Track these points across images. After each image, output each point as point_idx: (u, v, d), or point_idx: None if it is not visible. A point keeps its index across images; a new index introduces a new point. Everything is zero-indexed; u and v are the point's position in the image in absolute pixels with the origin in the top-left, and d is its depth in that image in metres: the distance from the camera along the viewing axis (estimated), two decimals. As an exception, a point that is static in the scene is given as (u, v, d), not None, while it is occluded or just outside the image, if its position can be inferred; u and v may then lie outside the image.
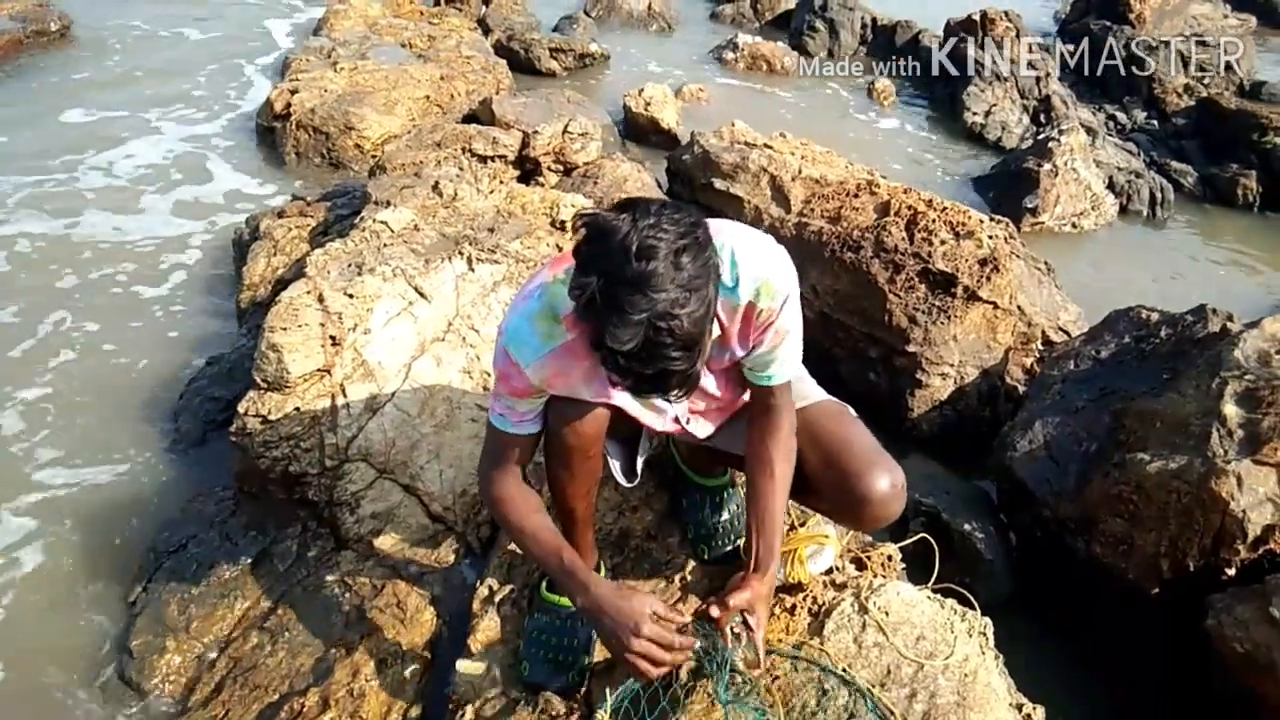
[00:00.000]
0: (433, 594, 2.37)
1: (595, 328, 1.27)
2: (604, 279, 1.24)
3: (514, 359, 1.61)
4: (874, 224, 3.68)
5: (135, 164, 5.26)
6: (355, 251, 3.15)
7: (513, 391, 1.67)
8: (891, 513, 1.80)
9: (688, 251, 1.26)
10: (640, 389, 1.34)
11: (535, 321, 1.59)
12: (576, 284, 1.27)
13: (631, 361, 1.26)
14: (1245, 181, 6.13)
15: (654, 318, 1.23)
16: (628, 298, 1.22)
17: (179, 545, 2.60)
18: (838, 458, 1.81)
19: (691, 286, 1.25)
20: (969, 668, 1.88)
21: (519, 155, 4.91)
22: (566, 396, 1.69)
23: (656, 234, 1.24)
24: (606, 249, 1.24)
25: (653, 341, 1.24)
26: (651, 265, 1.22)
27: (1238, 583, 2.38)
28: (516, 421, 1.73)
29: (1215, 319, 3.00)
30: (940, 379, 3.50)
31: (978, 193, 6.17)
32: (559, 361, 1.60)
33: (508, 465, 1.78)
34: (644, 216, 1.25)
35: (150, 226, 4.60)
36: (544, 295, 1.59)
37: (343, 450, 2.62)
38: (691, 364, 1.29)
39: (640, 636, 1.61)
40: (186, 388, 3.33)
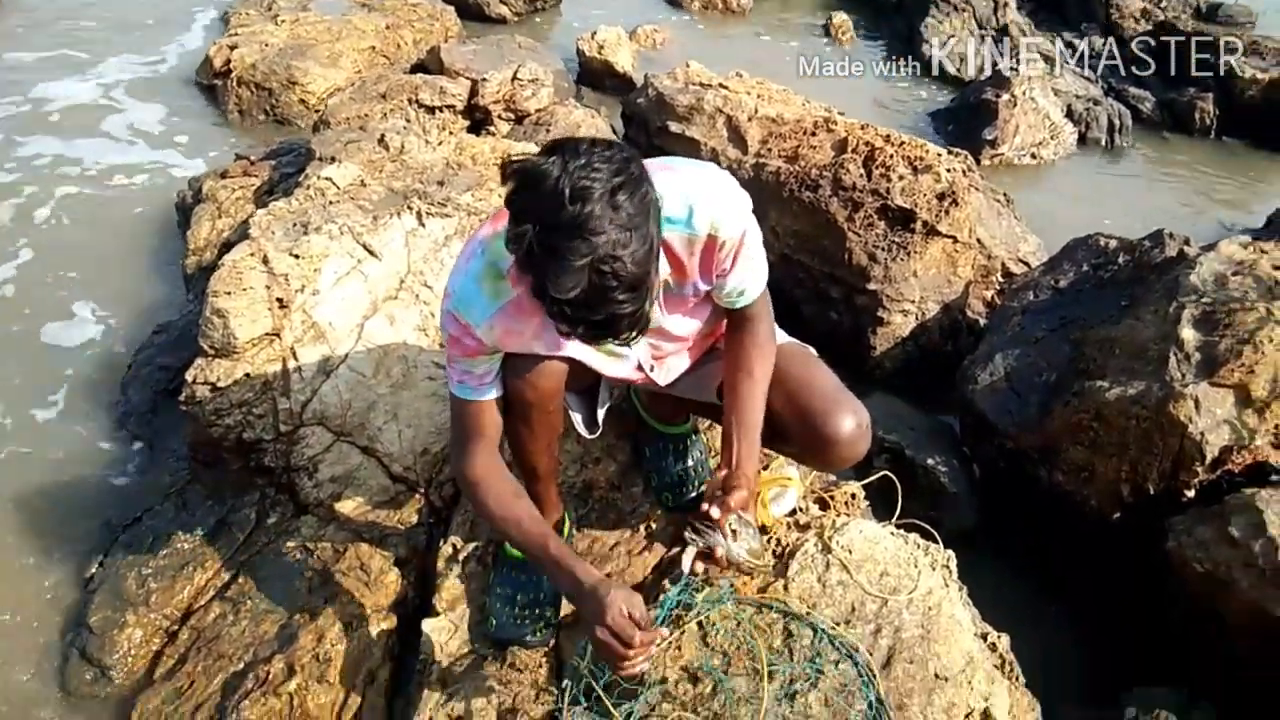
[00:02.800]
0: (396, 555, 2.34)
1: (537, 278, 1.22)
2: (540, 227, 1.19)
3: (464, 321, 1.56)
4: (831, 162, 3.63)
5: (69, 128, 5.07)
6: (300, 211, 3.06)
7: (466, 353, 1.62)
8: (857, 452, 1.80)
9: (623, 190, 1.21)
10: (591, 335, 1.30)
11: (481, 281, 1.54)
12: (513, 235, 1.22)
13: (578, 309, 1.22)
14: (1203, 106, 6.13)
15: (596, 261, 1.18)
16: (566, 244, 1.17)
17: (134, 518, 2.55)
18: (802, 400, 1.79)
19: (631, 225, 1.21)
20: (932, 601, 1.89)
21: (468, 105, 4.79)
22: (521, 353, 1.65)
23: (589, 174, 1.19)
24: (538, 195, 1.19)
25: (597, 286, 1.20)
26: (588, 208, 1.18)
27: (1197, 505, 2.41)
28: (478, 385, 1.67)
29: (1172, 243, 3.00)
30: (901, 316, 3.49)
31: (937, 126, 6.13)
32: (508, 319, 1.56)
33: (480, 440, 1.71)
34: (574, 158, 1.20)
35: (88, 194, 4.45)
36: (486, 253, 1.54)
37: (297, 415, 2.56)
38: (639, 304, 1.25)
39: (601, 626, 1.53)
40: (135, 357, 3.25)
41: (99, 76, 5.74)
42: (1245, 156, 5.95)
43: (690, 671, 1.75)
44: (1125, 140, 6.02)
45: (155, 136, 5.07)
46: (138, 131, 5.11)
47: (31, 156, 4.76)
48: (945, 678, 1.76)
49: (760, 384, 1.76)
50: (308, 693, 2.04)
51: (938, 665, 1.77)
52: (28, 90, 5.48)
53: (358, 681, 2.09)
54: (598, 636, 1.54)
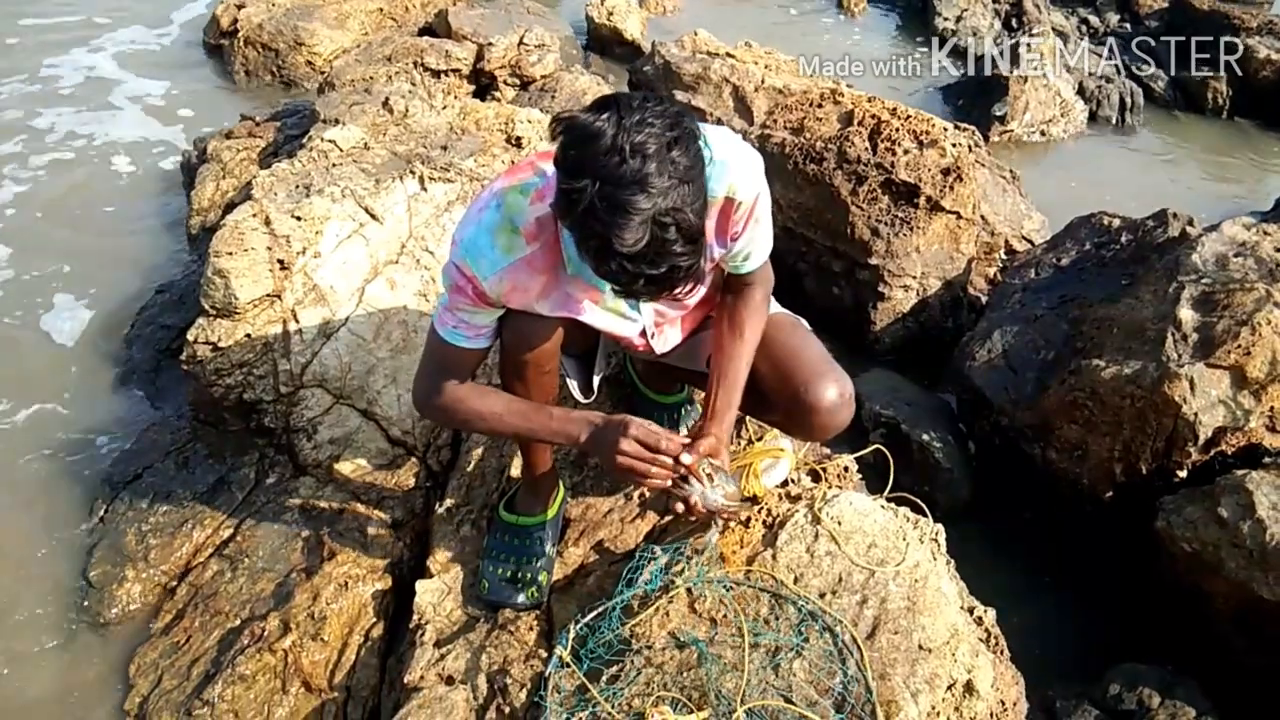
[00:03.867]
0: (393, 517, 2.37)
1: (596, 234, 1.21)
2: (600, 182, 1.19)
3: (470, 273, 1.55)
4: (837, 134, 3.61)
5: (76, 88, 5.07)
6: (303, 172, 3.06)
7: (471, 302, 1.60)
8: (840, 421, 1.80)
9: (679, 144, 1.22)
10: (646, 289, 1.29)
11: (495, 234, 1.53)
12: (569, 191, 1.21)
13: (639, 263, 1.22)
14: (1215, 85, 6.07)
15: (658, 215, 1.19)
16: (628, 198, 1.18)
17: (135, 475, 2.58)
18: (787, 368, 1.81)
19: (687, 178, 1.22)
20: (919, 573, 1.90)
21: (473, 69, 4.76)
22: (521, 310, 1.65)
23: (645, 129, 1.19)
24: (595, 151, 1.19)
25: (659, 239, 1.20)
26: (648, 163, 1.18)
27: (1189, 485, 2.43)
28: (473, 336, 1.67)
29: (1175, 223, 2.99)
30: (903, 291, 3.49)
31: (947, 100, 6.09)
32: (518, 275, 1.56)
33: (454, 378, 1.72)
34: (629, 113, 1.20)
35: (95, 152, 4.45)
36: (501, 207, 1.53)
37: (297, 376, 2.58)
38: (696, 257, 1.26)
39: (629, 436, 1.60)
40: (138, 316, 3.26)
41: (104, 37, 5.72)
42: (1257, 137, 5.90)
43: (676, 638, 1.77)
44: (1136, 119, 5.97)
45: (161, 96, 5.06)
46: (143, 91, 5.11)
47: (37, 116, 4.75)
48: (929, 649, 1.77)
49: (748, 345, 1.78)
50: (302, 650, 2.08)
51: (922, 636, 1.78)
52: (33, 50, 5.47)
53: (351, 640, 2.13)
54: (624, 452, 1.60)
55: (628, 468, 1.61)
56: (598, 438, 1.64)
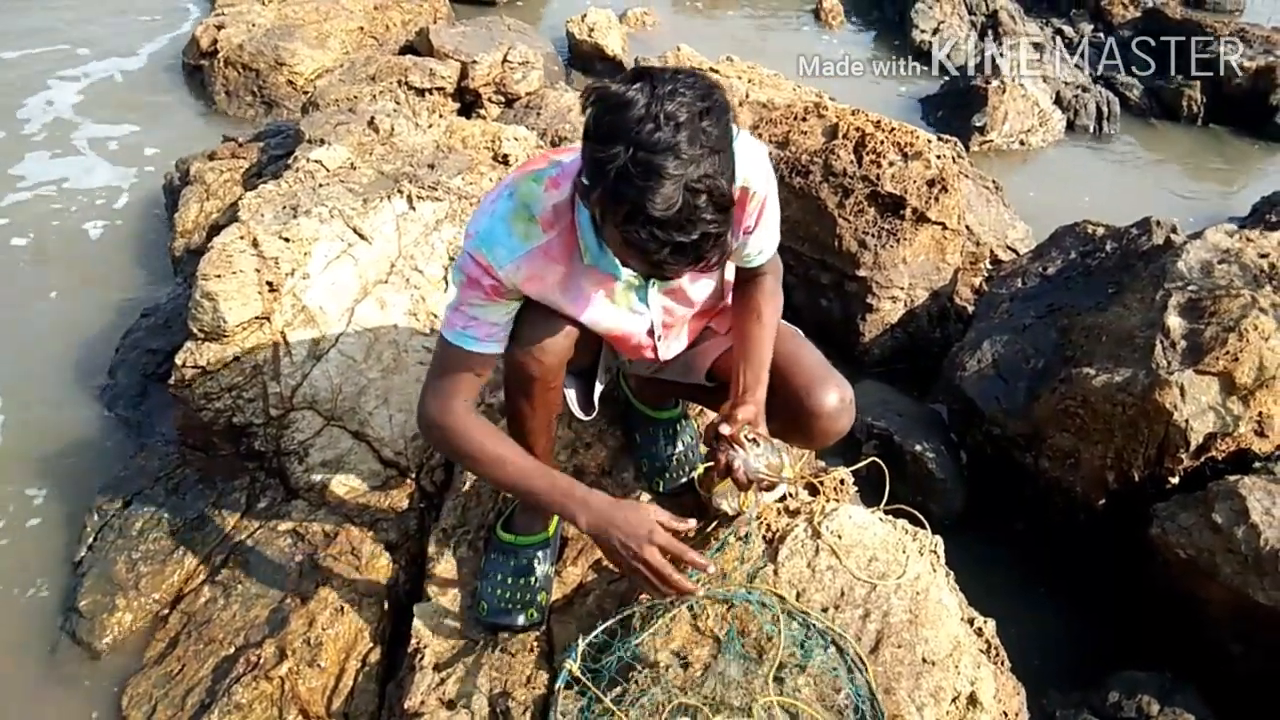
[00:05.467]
0: (387, 539, 2.35)
1: (629, 199, 1.22)
2: (634, 148, 1.20)
3: (486, 262, 1.54)
4: (822, 147, 3.63)
5: (56, 109, 5.02)
6: (289, 193, 3.04)
7: (484, 295, 1.59)
8: (841, 427, 1.81)
9: (709, 115, 1.23)
10: (674, 259, 1.28)
11: (511, 222, 1.53)
12: (601, 158, 1.22)
13: (669, 229, 1.22)
14: (1190, 94, 6.15)
15: (690, 181, 1.20)
16: (661, 163, 1.19)
17: (124, 502, 2.54)
18: (787, 374, 1.81)
19: (719, 147, 1.24)
20: (920, 586, 1.91)
21: (458, 87, 4.76)
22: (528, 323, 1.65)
23: (677, 99, 1.21)
24: (629, 118, 1.20)
25: (691, 205, 1.21)
26: (680, 130, 1.20)
27: (1181, 491, 2.44)
28: (484, 337, 1.63)
29: (1159, 231, 3.02)
30: (891, 302, 3.50)
31: (927, 112, 6.14)
32: (535, 264, 1.56)
33: (460, 392, 1.67)
34: (661, 84, 1.22)
35: (76, 175, 4.41)
36: (516, 195, 1.54)
37: (287, 399, 2.56)
38: (725, 226, 1.27)
39: (651, 546, 1.57)
40: (122, 341, 3.22)
41: (84, 56, 5.67)
42: (1232, 144, 5.98)
43: (680, 655, 1.76)
44: (1113, 127, 6.04)
45: (141, 117, 5.02)
46: (123, 112, 5.06)
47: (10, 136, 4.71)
48: (932, 662, 1.77)
49: (769, 329, 1.78)
50: (299, 676, 2.05)
51: (925, 649, 1.79)
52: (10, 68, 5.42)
53: (349, 665, 2.10)
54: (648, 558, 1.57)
55: (644, 579, 1.59)
56: (609, 528, 1.59)
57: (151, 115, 5.06)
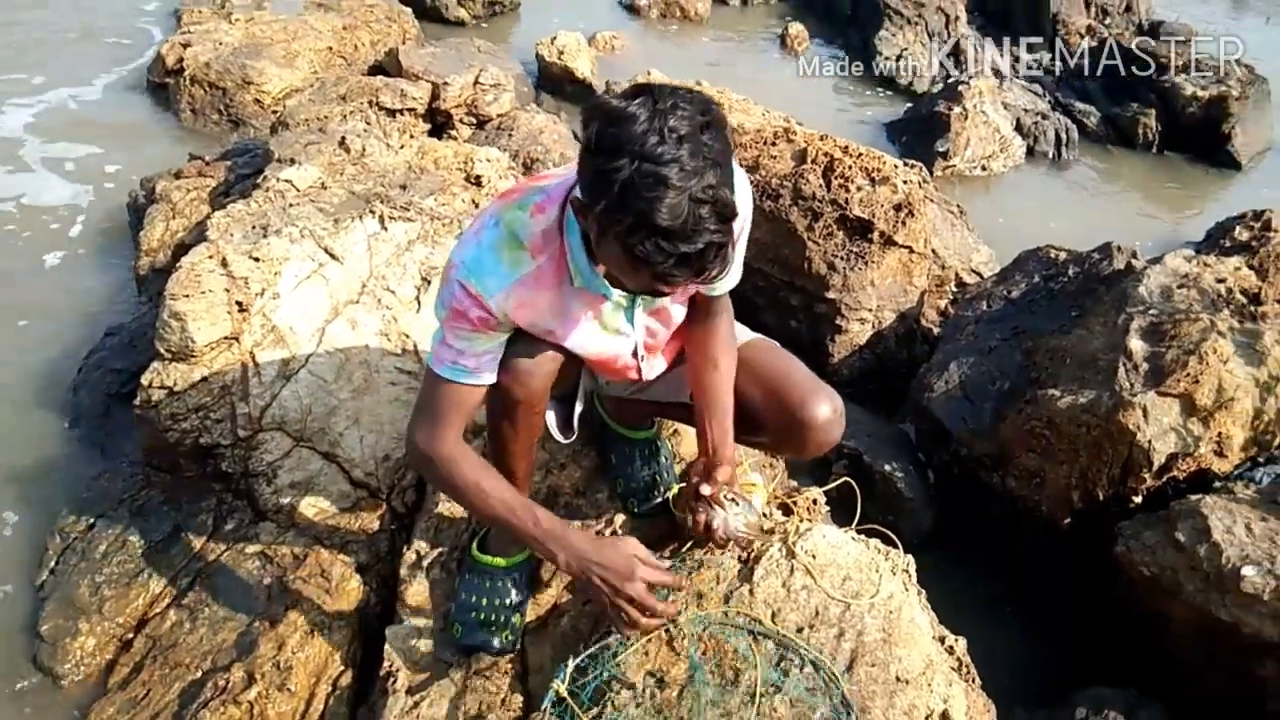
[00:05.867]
0: (358, 561, 2.32)
1: (634, 211, 1.23)
2: (639, 160, 1.21)
3: (476, 292, 1.54)
4: (792, 171, 3.68)
5: (17, 126, 4.93)
6: (259, 212, 3.02)
7: (473, 327, 1.58)
8: (833, 437, 1.85)
9: (710, 129, 1.25)
10: (677, 270, 1.29)
11: (499, 250, 1.53)
12: (606, 171, 1.23)
13: (674, 240, 1.24)
14: (1145, 121, 6.32)
15: (694, 191, 1.22)
16: (666, 174, 1.21)
17: (87, 525, 2.49)
18: (779, 388, 1.84)
19: (720, 161, 1.26)
20: (893, 605, 1.92)
21: (429, 108, 4.76)
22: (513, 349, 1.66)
23: (678, 114, 1.23)
24: (632, 132, 1.22)
25: (696, 215, 1.23)
26: (682, 144, 1.22)
27: (1144, 510, 2.49)
28: (474, 369, 1.63)
29: (1120, 256, 3.10)
30: (859, 324, 3.55)
31: (891, 137, 6.24)
32: (525, 291, 1.56)
33: (450, 423, 1.66)
34: (662, 99, 1.24)
35: (37, 193, 4.33)
36: (502, 223, 1.54)
37: (256, 420, 2.53)
38: (728, 236, 1.28)
39: (635, 581, 1.60)
40: (85, 360, 3.17)
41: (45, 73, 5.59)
42: (1186, 170, 6.15)
43: (656, 676, 1.76)
44: (1071, 153, 6.19)
45: (104, 135, 4.94)
46: (86, 130, 4.98)
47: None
48: (906, 680, 1.79)
49: (726, 376, 1.81)
50: (268, 701, 2.02)
51: (899, 668, 1.80)
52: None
53: (319, 689, 2.08)
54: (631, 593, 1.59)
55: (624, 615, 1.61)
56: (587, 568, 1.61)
57: (115, 134, 4.99)
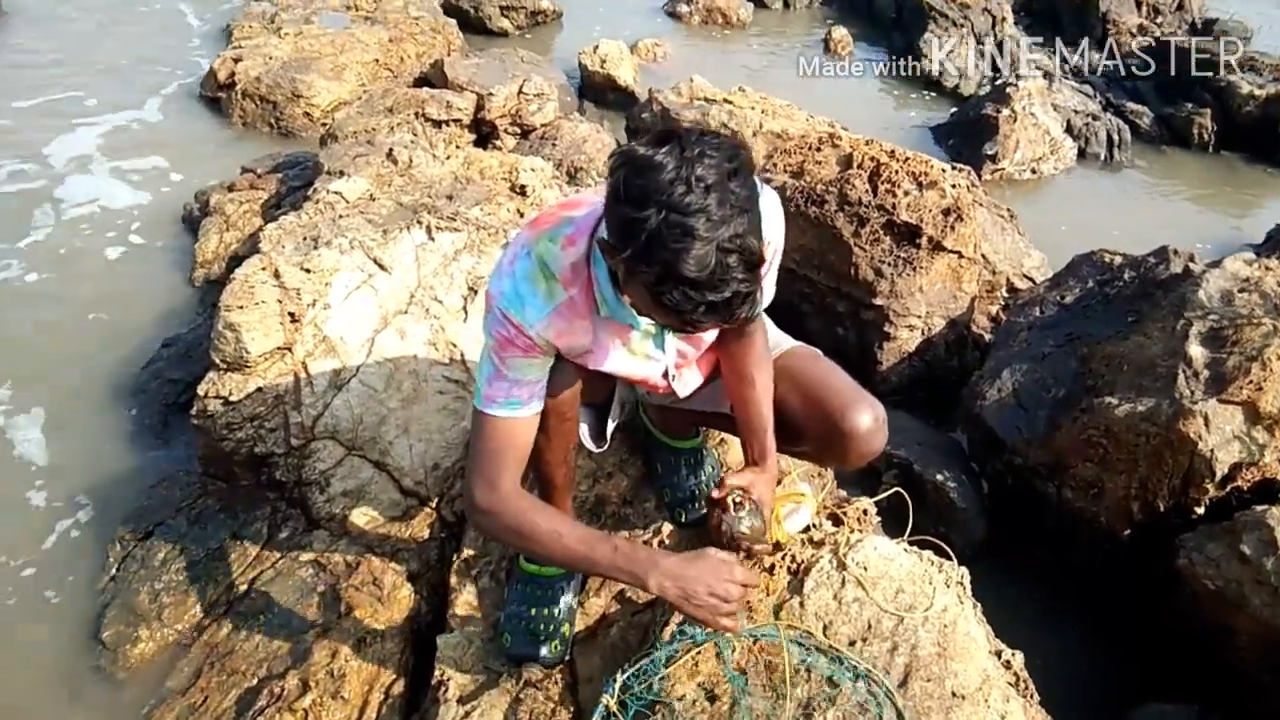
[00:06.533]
0: (409, 569, 2.34)
1: (661, 262, 1.23)
2: (666, 210, 1.21)
3: (518, 321, 1.55)
4: (837, 177, 3.65)
5: (76, 143, 5.06)
6: (310, 224, 3.07)
7: (524, 352, 1.59)
8: (876, 447, 1.82)
9: (737, 176, 1.25)
10: (705, 317, 1.29)
11: (534, 281, 1.55)
12: (633, 220, 1.23)
13: (702, 290, 1.24)
14: (1200, 121, 6.17)
15: (721, 241, 1.22)
16: (693, 225, 1.20)
17: (145, 533, 2.55)
18: (819, 397, 1.83)
19: (746, 207, 1.25)
20: (948, 618, 1.89)
21: (474, 118, 4.81)
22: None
23: (704, 161, 1.23)
24: (659, 181, 1.22)
25: (723, 265, 1.22)
26: (710, 193, 1.22)
27: (1207, 521, 2.43)
28: (527, 398, 1.64)
29: (1177, 260, 3.02)
30: (908, 331, 3.50)
31: (938, 141, 6.17)
32: (561, 320, 1.58)
33: (508, 469, 1.64)
34: (689, 146, 1.24)
35: (96, 207, 4.44)
36: (532, 255, 1.55)
37: (309, 429, 2.57)
38: (756, 283, 1.28)
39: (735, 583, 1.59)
40: (143, 371, 3.24)
41: (102, 89, 5.73)
42: (1244, 171, 5.99)
43: (707, 689, 1.75)
44: (1124, 155, 6.06)
45: (159, 149, 5.05)
46: (141, 145, 5.11)
47: (36, 170, 4.76)
48: (962, 696, 1.76)
49: (764, 392, 1.81)
50: (323, 709, 2.04)
51: (954, 683, 1.77)
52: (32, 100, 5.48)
53: (372, 698, 2.09)
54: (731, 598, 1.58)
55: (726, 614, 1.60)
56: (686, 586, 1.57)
57: (169, 146, 5.09)
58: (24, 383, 3.28)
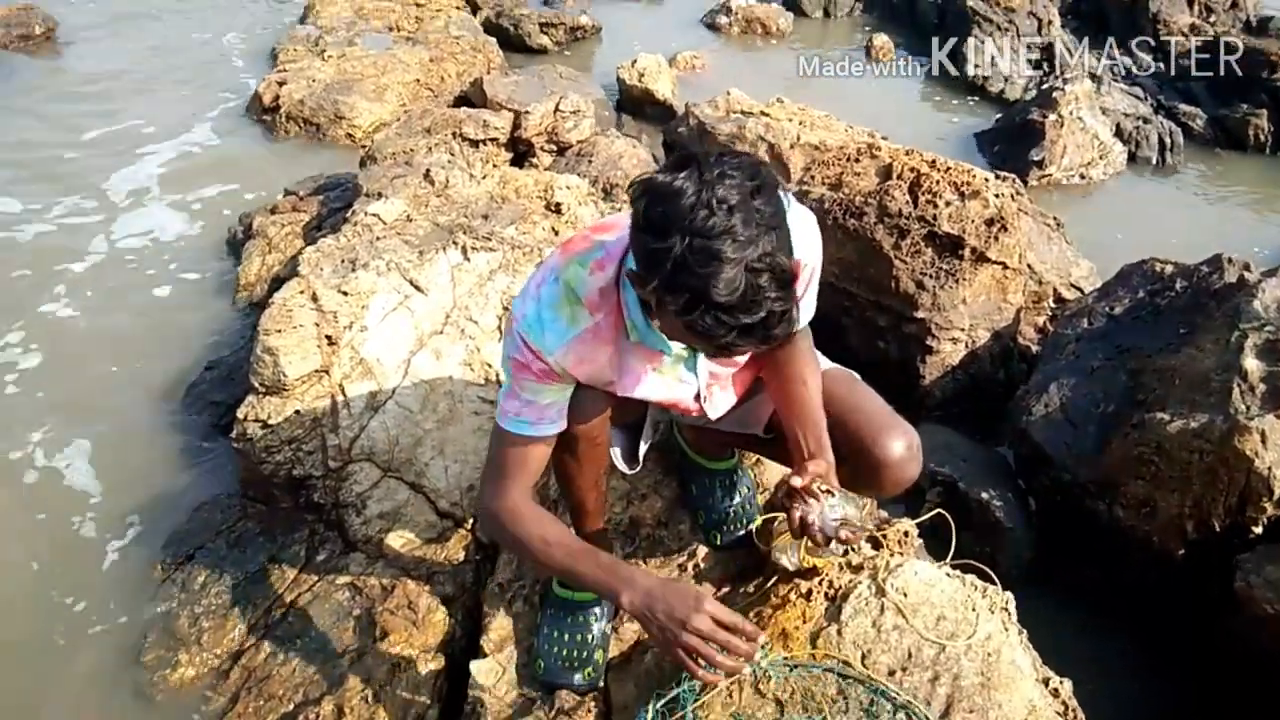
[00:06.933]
0: (444, 593, 2.34)
1: (690, 288, 1.20)
2: (690, 236, 1.19)
3: (535, 348, 1.54)
4: (876, 188, 3.59)
5: (125, 165, 5.19)
6: (348, 247, 3.10)
7: (539, 379, 1.58)
8: (909, 475, 1.76)
9: (761, 194, 1.22)
10: (741, 340, 1.26)
11: (558, 309, 1.53)
12: (656, 250, 1.21)
13: (734, 313, 1.21)
14: (1257, 122, 5.98)
15: (750, 263, 1.19)
16: (720, 248, 1.18)
17: (186, 556, 2.58)
18: (851, 423, 1.77)
19: (773, 224, 1.23)
20: (992, 646, 1.83)
21: (511, 137, 4.83)
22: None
23: (725, 182, 1.20)
24: (681, 208, 1.20)
25: (753, 286, 1.20)
26: (733, 214, 1.19)
27: (1265, 541, 2.33)
28: (536, 420, 1.64)
29: (1231, 269, 2.91)
30: (951, 344, 3.43)
31: (982, 147, 6.06)
32: (584, 347, 1.56)
33: (518, 479, 1.67)
34: (708, 169, 1.22)
35: (144, 229, 4.54)
36: (559, 280, 1.54)
37: (346, 451, 2.58)
38: (789, 302, 1.25)
39: (702, 614, 1.48)
40: (187, 394, 3.30)
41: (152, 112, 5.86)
42: (1302, 173, 5.79)
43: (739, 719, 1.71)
44: (1177, 158, 5.89)
45: (207, 172, 5.15)
46: (190, 168, 5.21)
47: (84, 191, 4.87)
48: (1007, 727, 1.70)
49: (814, 390, 1.75)
50: (357, 735, 2.04)
51: (999, 714, 1.71)
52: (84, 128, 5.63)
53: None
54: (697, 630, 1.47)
55: (692, 648, 1.48)
56: (651, 604, 1.50)
57: (216, 170, 5.19)
58: (73, 412, 3.33)
